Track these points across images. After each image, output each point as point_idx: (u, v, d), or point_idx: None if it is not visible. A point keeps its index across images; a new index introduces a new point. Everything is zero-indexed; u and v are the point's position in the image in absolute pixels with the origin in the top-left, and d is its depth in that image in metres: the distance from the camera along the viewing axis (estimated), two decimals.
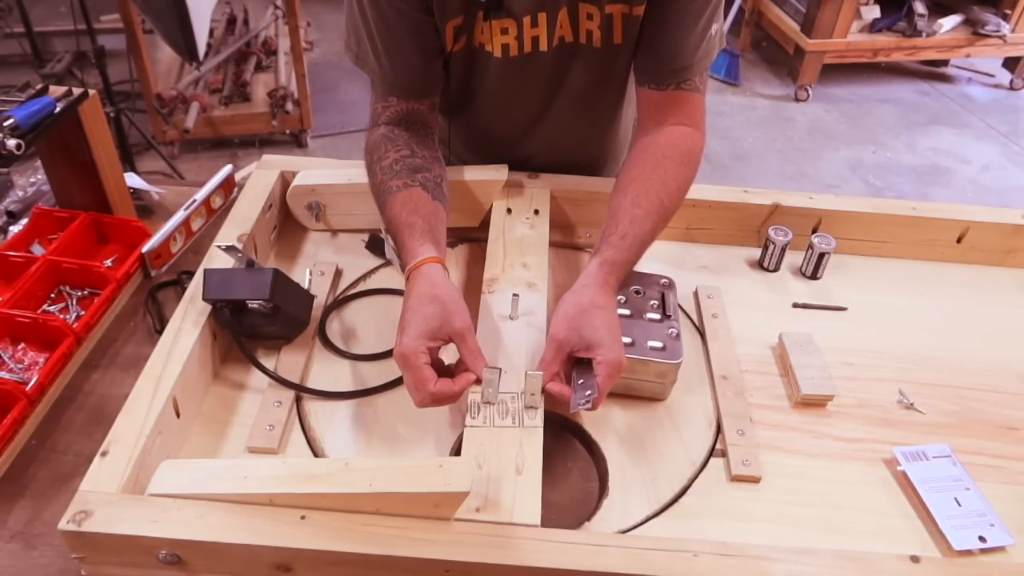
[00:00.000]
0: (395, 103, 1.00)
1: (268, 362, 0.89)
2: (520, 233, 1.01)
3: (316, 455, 0.81)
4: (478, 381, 0.79)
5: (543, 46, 0.97)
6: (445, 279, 0.83)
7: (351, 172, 1.07)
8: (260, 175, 1.08)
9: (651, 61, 0.98)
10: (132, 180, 1.18)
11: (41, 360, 0.92)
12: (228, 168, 1.19)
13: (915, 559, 0.69)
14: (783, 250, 1.07)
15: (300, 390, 0.87)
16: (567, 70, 1.02)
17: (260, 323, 0.87)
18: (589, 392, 0.76)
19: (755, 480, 0.81)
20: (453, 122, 1.11)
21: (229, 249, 0.86)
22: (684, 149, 0.97)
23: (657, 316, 0.89)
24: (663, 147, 0.96)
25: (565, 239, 1.11)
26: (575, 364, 0.81)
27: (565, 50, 0.99)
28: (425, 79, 0.99)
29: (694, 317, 1.01)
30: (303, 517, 0.67)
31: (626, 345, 0.85)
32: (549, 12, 0.94)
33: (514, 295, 0.89)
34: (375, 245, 1.07)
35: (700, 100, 1.01)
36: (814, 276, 1.08)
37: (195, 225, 1.12)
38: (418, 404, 0.78)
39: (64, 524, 0.65)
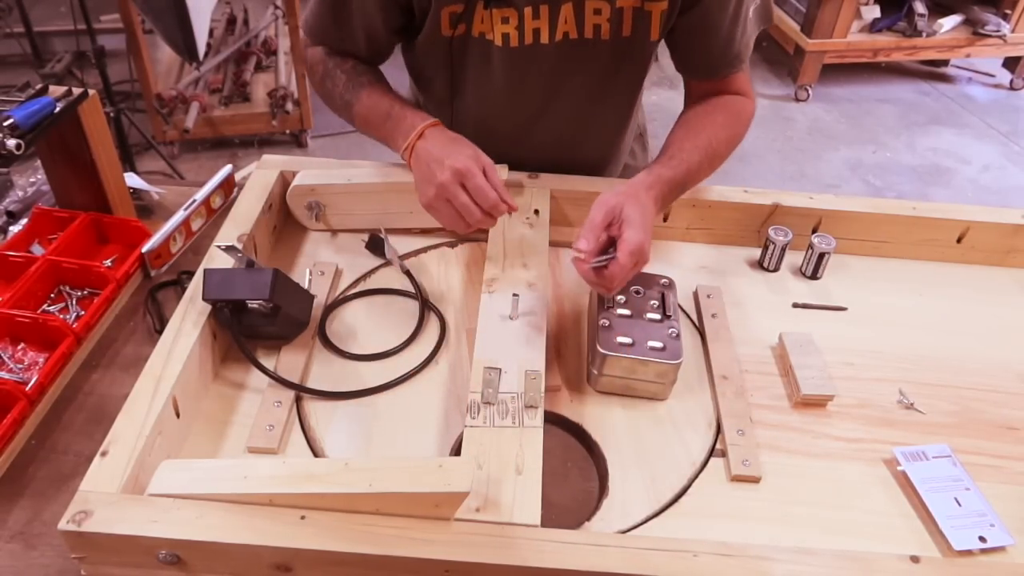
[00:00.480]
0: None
1: (268, 362, 0.89)
2: (520, 233, 1.01)
3: (316, 455, 0.81)
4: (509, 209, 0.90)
5: (544, 39, 0.98)
6: (455, 135, 0.95)
7: (351, 172, 1.07)
8: (260, 175, 1.08)
9: (702, 58, 1.03)
10: (132, 180, 1.18)
11: (41, 360, 0.92)
12: (228, 168, 1.19)
13: (915, 559, 0.69)
14: (783, 250, 1.07)
15: (300, 390, 0.87)
16: (570, 66, 1.02)
17: (260, 323, 0.87)
18: (607, 256, 0.82)
19: (755, 480, 0.81)
20: (456, 112, 1.11)
21: (229, 249, 0.86)
22: (735, 109, 1.06)
23: (657, 316, 0.89)
24: (714, 103, 1.05)
25: (565, 239, 1.10)
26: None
27: (569, 45, 0.99)
28: (361, 50, 1.05)
29: (694, 317, 1.01)
30: (303, 517, 0.67)
31: (626, 345, 0.85)
32: (551, 6, 0.95)
33: (514, 295, 0.89)
34: (375, 245, 1.07)
35: (745, 76, 1.07)
36: (814, 276, 1.08)
37: (195, 225, 1.12)
38: (476, 220, 0.89)
39: (64, 524, 0.65)
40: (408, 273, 1.02)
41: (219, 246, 0.86)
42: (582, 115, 1.09)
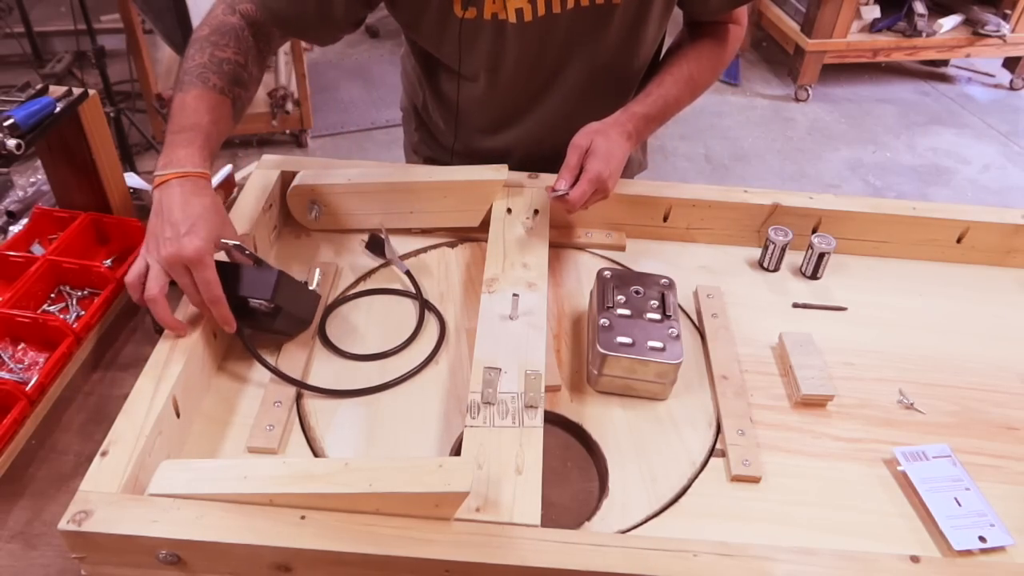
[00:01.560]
0: (256, 11, 0.99)
1: (267, 360, 0.89)
2: (520, 233, 1.01)
3: (316, 455, 0.81)
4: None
5: (556, 8, 0.99)
6: (215, 195, 0.87)
7: (351, 172, 1.07)
8: (260, 175, 1.08)
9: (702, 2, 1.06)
10: (132, 180, 1.18)
11: (41, 360, 0.92)
12: (228, 168, 1.19)
13: (915, 559, 0.69)
14: (783, 250, 1.07)
15: (302, 386, 0.87)
16: (582, 36, 1.03)
17: (263, 320, 0.87)
18: (563, 186, 0.93)
19: (755, 480, 0.81)
20: (462, 93, 1.12)
21: (236, 247, 0.86)
22: (720, 36, 1.10)
23: (657, 316, 0.89)
24: (699, 33, 1.10)
25: (565, 239, 1.11)
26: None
27: (582, 12, 1.01)
28: (312, 28, 1.02)
29: (694, 317, 1.01)
30: (303, 517, 0.67)
31: (626, 345, 0.85)
32: None
33: (514, 295, 0.89)
34: (375, 245, 1.07)
35: (741, 10, 1.11)
36: (814, 276, 1.08)
37: None
38: (194, 303, 0.83)
39: (64, 524, 0.65)
40: (408, 273, 1.02)
41: (225, 243, 0.86)
42: (590, 87, 1.09)
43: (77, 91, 1.00)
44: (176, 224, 0.81)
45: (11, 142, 0.88)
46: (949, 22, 3.58)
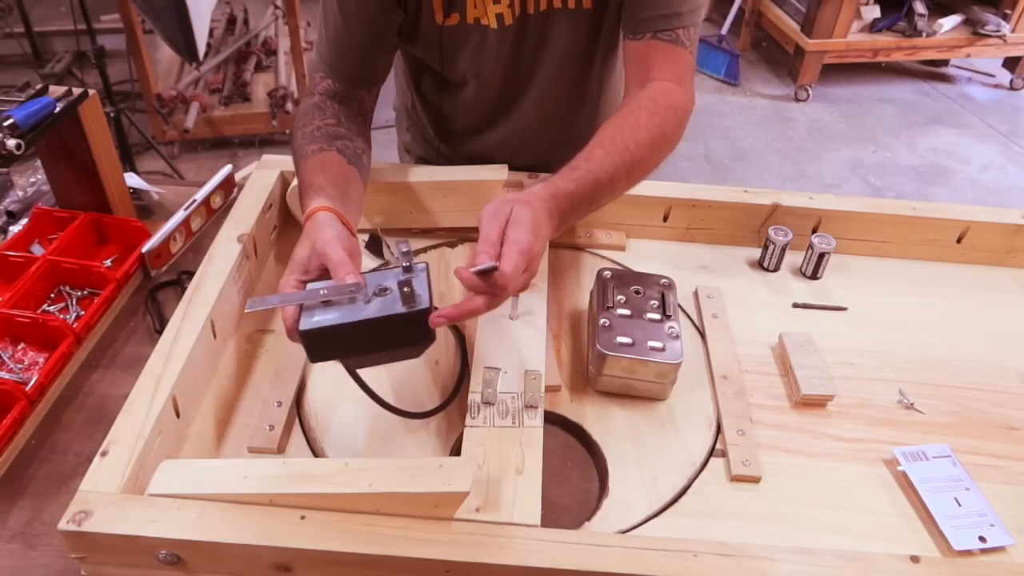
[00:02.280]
0: (332, 84, 1.01)
1: (268, 362, 0.89)
2: None
3: (316, 455, 0.81)
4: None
5: (531, 9, 1.00)
6: (327, 222, 0.79)
7: None
8: (260, 175, 1.08)
9: (632, 7, 0.98)
10: (132, 180, 1.18)
11: (41, 360, 0.92)
12: (228, 168, 1.19)
13: (915, 559, 0.69)
14: (783, 250, 1.07)
15: (398, 412, 0.81)
16: (554, 36, 1.03)
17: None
18: (491, 265, 0.71)
19: (755, 480, 0.81)
20: (444, 101, 1.12)
21: (374, 244, 0.78)
22: (663, 104, 0.94)
23: (657, 316, 0.89)
24: (640, 99, 0.94)
25: (565, 239, 1.11)
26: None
27: (553, 14, 1.01)
28: (368, 68, 1.02)
29: (694, 317, 1.01)
30: (303, 517, 0.67)
31: (626, 345, 0.85)
32: None
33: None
34: (375, 245, 1.07)
35: (684, 55, 0.98)
36: (814, 276, 1.08)
37: (195, 225, 1.12)
38: (290, 333, 0.73)
39: (64, 524, 0.65)
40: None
41: (376, 235, 0.78)
42: (561, 90, 1.10)
43: (77, 91, 1.00)
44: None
45: (11, 142, 0.88)
46: (949, 22, 3.58)
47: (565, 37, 1.04)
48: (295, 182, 1.06)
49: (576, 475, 0.82)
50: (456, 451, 0.81)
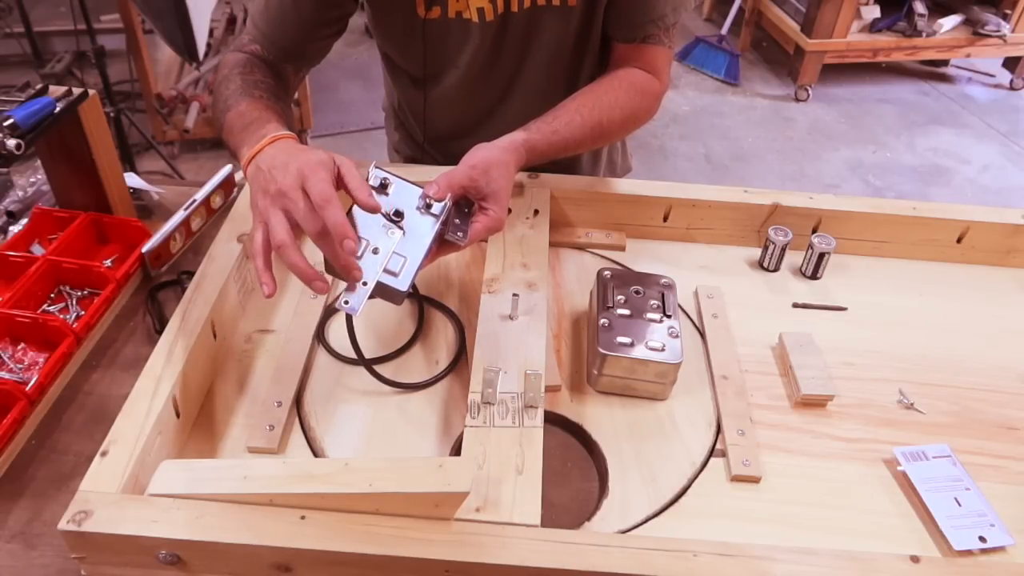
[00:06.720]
0: (260, 50, 1.02)
1: (268, 362, 0.88)
2: (520, 233, 1.01)
3: (316, 455, 0.81)
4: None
5: (514, 6, 1.00)
6: (303, 145, 0.81)
7: None
8: None
9: (621, 14, 1.01)
10: (132, 180, 1.18)
11: (41, 360, 0.92)
12: (228, 168, 1.19)
13: (915, 559, 0.69)
14: (783, 250, 1.07)
15: (397, 386, 0.86)
16: (539, 34, 1.04)
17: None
18: (461, 234, 0.81)
19: (755, 480, 0.81)
20: (428, 95, 1.12)
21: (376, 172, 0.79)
22: (640, 87, 1.03)
23: (657, 316, 0.89)
24: (620, 77, 1.02)
25: (565, 239, 1.11)
26: (456, 203, 0.83)
27: (538, 12, 1.01)
28: (303, 46, 1.03)
29: (694, 317, 1.01)
30: (303, 517, 0.67)
31: (626, 345, 0.85)
32: None
33: (514, 295, 0.89)
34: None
35: (664, 52, 1.05)
36: (814, 276, 1.08)
37: (195, 225, 1.12)
38: (313, 230, 0.71)
39: (64, 524, 0.65)
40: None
41: (379, 169, 0.78)
42: (548, 89, 1.10)
43: (77, 91, 1.00)
44: (284, 163, 0.74)
45: (11, 142, 0.88)
46: (949, 22, 3.58)
47: (550, 35, 1.03)
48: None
49: (576, 475, 0.82)
50: (456, 451, 0.81)
